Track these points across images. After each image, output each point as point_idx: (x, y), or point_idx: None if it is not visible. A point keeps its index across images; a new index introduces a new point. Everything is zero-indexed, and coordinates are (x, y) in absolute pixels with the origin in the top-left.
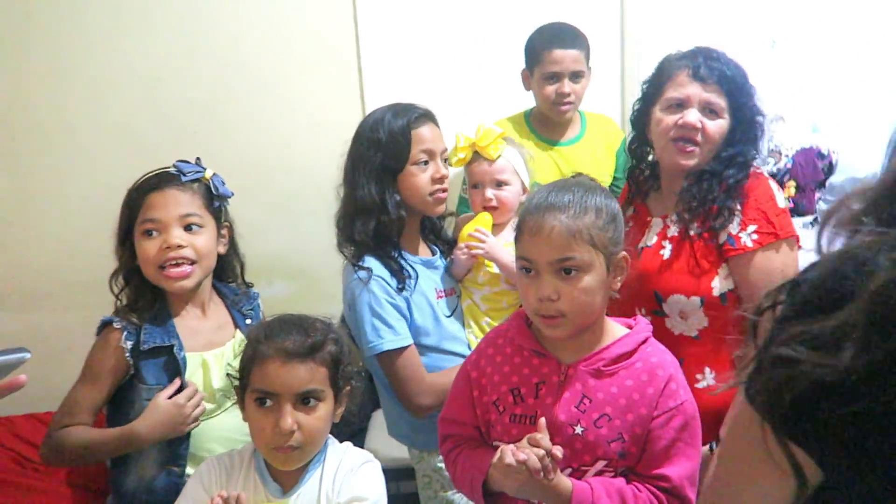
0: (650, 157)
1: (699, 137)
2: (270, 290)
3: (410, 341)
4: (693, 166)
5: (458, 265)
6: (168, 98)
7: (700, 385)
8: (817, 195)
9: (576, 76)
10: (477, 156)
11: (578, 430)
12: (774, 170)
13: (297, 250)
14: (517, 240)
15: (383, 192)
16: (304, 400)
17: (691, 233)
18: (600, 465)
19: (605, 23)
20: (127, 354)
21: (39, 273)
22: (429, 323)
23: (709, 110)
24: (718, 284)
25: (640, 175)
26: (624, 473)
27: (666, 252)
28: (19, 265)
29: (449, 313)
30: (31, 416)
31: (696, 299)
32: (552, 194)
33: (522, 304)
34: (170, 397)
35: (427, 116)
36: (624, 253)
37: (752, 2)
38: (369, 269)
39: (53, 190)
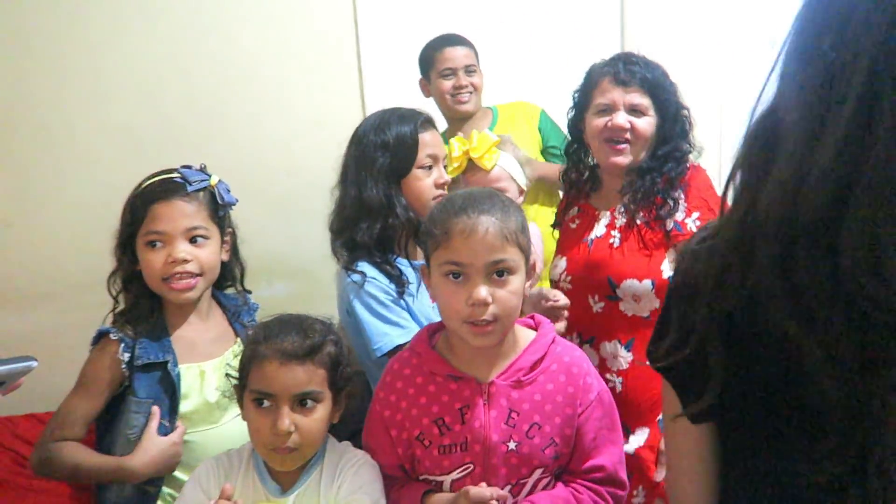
0: (589, 160)
1: (629, 136)
2: (270, 290)
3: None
4: (628, 164)
5: None
6: (168, 98)
7: None
8: None
9: (469, 70)
10: (472, 164)
11: (512, 445)
12: None
13: (297, 250)
14: (438, 244)
15: (390, 195)
16: (302, 401)
17: (638, 221)
18: (537, 473)
19: (605, 23)
20: (124, 366)
21: (39, 273)
22: None
23: (635, 111)
24: (667, 267)
25: (579, 177)
26: (558, 474)
27: (615, 240)
28: (19, 265)
29: None
30: (31, 416)
31: (647, 282)
32: (477, 199)
33: (443, 314)
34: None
35: (430, 122)
36: (534, 258)
37: (752, 2)
38: (363, 273)
39: (54, 190)
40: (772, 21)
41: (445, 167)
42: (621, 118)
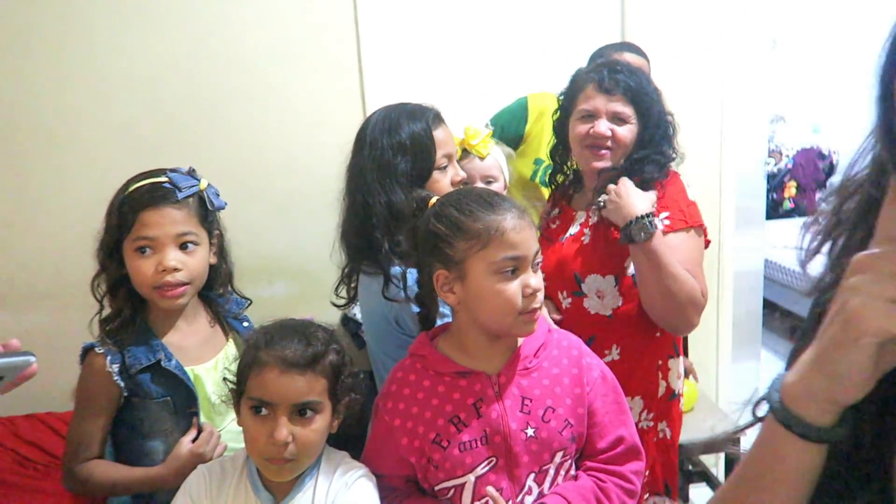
0: (573, 164)
1: (610, 143)
2: (270, 290)
3: None
4: (606, 168)
5: None
6: (169, 98)
7: (606, 360)
8: (818, 195)
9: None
10: (466, 153)
11: (530, 431)
12: (775, 170)
13: (297, 250)
14: (486, 244)
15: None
16: (301, 411)
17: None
18: (559, 457)
19: (606, 23)
20: (115, 378)
21: (39, 273)
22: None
23: (617, 118)
24: (631, 265)
25: (564, 180)
26: (578, 458)
27: (586, 238)
28: (19, 265)
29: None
30: (31, 416)
31: (610, 278)
32: (498, 196)
33: (497, 312)
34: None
35: (440, 118)
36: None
37: (752, 2)
38: (404, 273)
39: (54, 190)
40: (773, 21)
41: (458, 161)
42: (603, 126)
